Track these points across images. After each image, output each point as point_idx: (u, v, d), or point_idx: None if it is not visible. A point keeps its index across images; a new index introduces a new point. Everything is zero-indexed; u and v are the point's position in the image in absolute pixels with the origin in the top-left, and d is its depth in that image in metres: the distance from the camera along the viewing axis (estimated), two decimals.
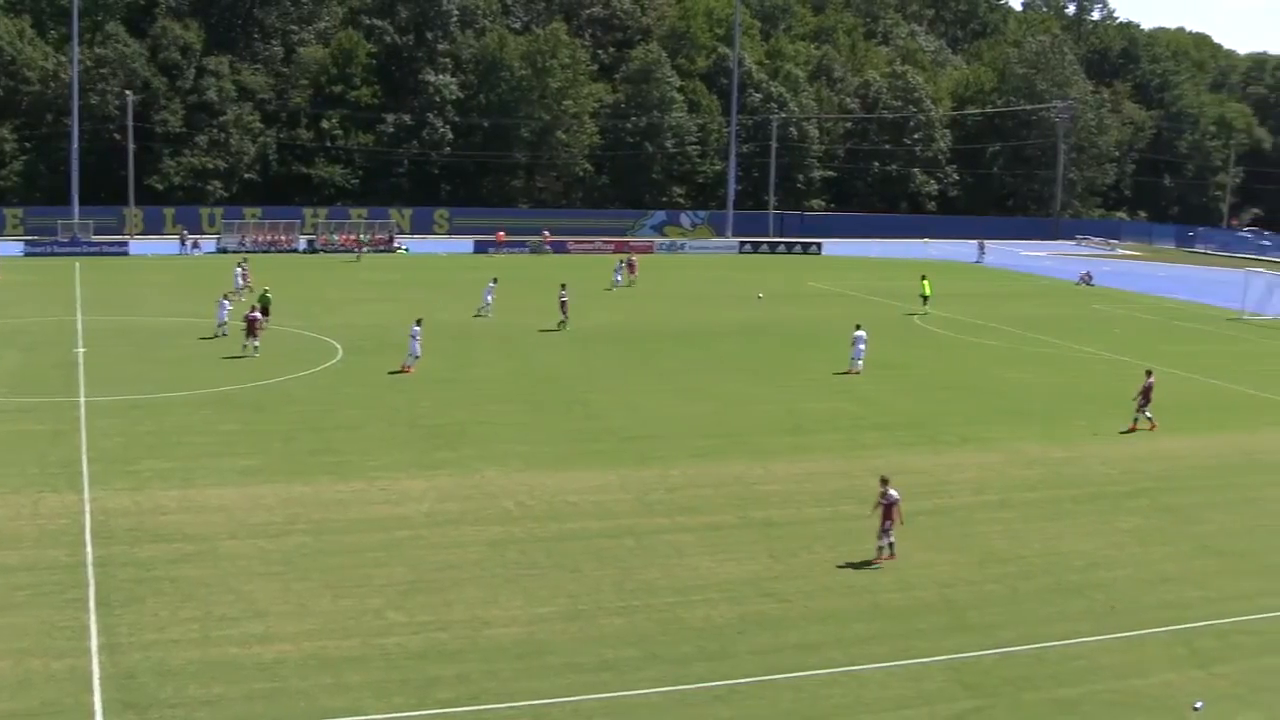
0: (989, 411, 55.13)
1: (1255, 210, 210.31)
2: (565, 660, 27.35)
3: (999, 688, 27.08)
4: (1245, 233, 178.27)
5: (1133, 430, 51.70)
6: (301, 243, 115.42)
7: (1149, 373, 52.84)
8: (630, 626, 29.35)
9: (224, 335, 63.78)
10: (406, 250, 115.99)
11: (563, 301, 72.43)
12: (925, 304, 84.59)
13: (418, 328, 58.48)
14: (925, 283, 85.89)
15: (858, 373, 61.46)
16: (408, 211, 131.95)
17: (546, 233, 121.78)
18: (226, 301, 66.07)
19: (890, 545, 34.22)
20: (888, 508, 34.09)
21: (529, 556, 33.62)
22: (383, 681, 26.07)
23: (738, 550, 34.84)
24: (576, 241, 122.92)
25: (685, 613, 30.24)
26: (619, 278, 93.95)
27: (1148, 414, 52.07)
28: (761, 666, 27.45)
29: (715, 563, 33.81)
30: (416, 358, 58.05)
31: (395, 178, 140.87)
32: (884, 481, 34.52)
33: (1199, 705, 26.49)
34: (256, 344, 59.81)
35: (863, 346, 62.11)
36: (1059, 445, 49.12)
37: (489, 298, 75.72)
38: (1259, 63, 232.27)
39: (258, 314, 61.13)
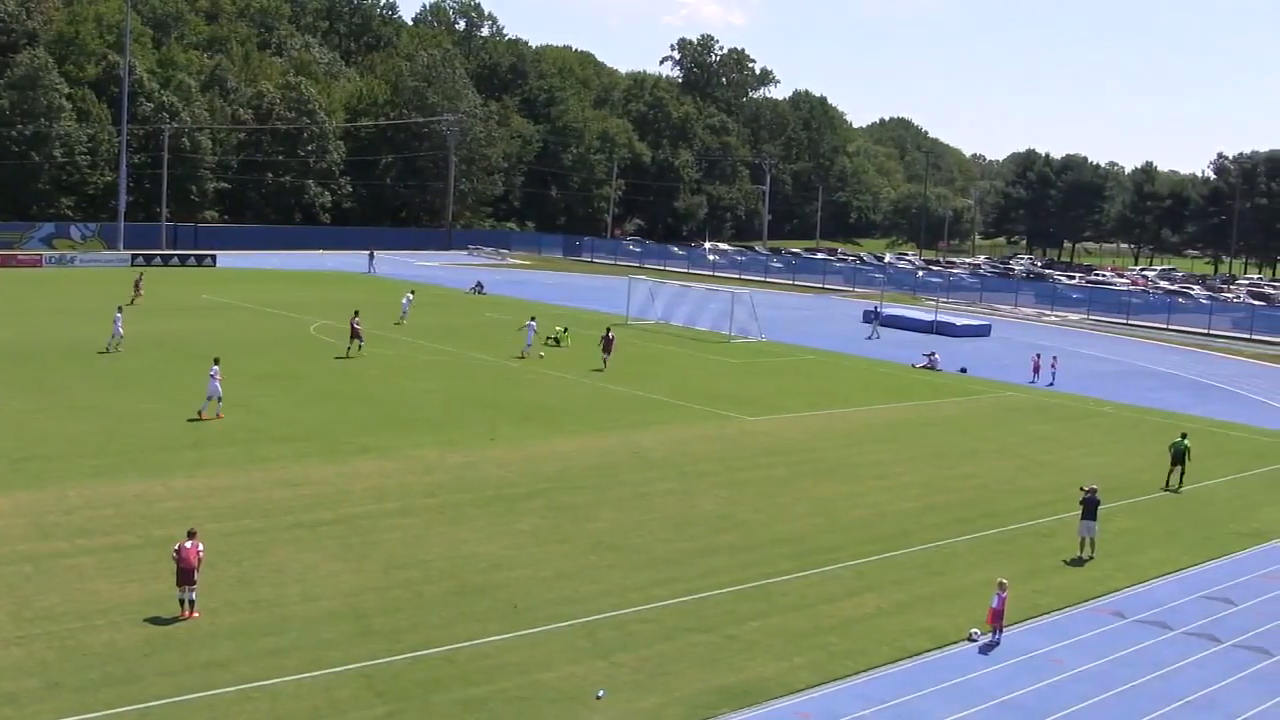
0: (387, 420, 55.98)
1: (637, 220, 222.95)
2: None
3: (410, 691, 27.78)
4: (628, 242, 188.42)
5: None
6: None
7: (609, 329, 72.77)
8: (30, 657, 28.25)
9: None
10: None
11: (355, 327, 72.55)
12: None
13: (216, 368, 53.95)
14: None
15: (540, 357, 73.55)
16: None
17: None
18: None
19: (192, 602, 31.26)
20: (192, 561, 31.25)
21: None
22: None
23: (141, 571, 33.99)
24: None
25: (89, 638, 29.41)
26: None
27: (605, 358, 71.08)
28: (171, 687, 27.08)
29: (118, 585, 32.93)
30: (220, 399, 53.84)
31: None
32: (191, 535, 31.87)
33: (601, 694, 28.11)
34: None
35: (531, 333, 75.59)
36: (457, 451, 50.53)
37: (120, 329, 69.08)
38: (639, 81, 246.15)
39: None
